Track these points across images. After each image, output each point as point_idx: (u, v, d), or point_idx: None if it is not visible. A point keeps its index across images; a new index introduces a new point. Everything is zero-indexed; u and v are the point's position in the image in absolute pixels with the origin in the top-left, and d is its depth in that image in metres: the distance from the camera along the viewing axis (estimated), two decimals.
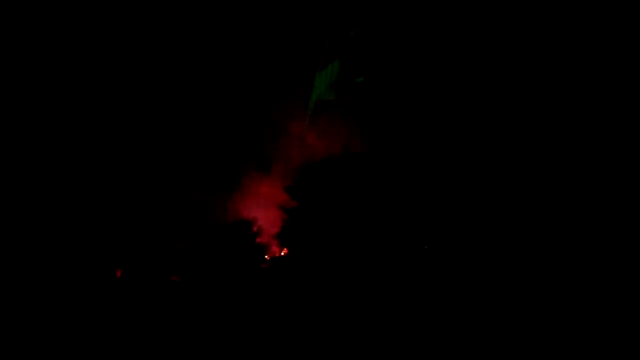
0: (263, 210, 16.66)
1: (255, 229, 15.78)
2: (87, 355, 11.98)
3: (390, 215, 14.27)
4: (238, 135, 18.52)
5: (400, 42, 17.16)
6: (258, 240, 15.66)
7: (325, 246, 13.99)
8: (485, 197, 14.39)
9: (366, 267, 13.61)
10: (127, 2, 16.93)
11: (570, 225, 13.37)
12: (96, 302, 13.77)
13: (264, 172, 17.85)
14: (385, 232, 14.06)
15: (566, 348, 10.89)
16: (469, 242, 13.80)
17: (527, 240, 13.39)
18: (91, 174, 16.58)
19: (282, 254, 15.69)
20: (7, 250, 14.76)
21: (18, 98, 16.58)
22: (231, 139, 18.49)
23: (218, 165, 18.11)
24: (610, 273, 12.49)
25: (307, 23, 17.51)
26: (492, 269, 13.00)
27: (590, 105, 14.79)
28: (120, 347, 12.17)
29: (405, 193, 14.54)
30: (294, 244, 14.89)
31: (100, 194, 16.39)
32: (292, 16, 17.42)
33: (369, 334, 12.02)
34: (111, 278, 15.13)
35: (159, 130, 17.59)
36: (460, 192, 14.50)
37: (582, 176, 13.98)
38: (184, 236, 15.85)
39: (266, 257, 15.83)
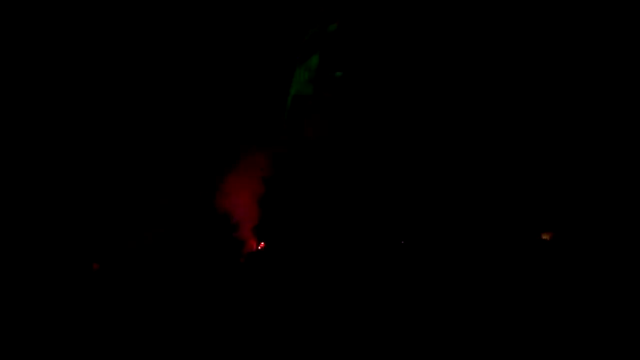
0: (240, 204, 16.43)
1: (232, 223, 15.57)
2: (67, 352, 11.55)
3: (370, 210, 13.96)
4: (215, 129, 18.43)
5: (380, 36, 17.13)
6: (235, 234, 15.44)
7: (304, 241, 13.67)
8: (466, 195, 13.99)
9: (346, 262, 13.20)
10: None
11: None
12: (72, 296, 13.45)
13: (240, 166, 17.71)
14: (364, 227, 13.73)
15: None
16: (448, 239, 13.38)
17: (518, 239, 12.90)
18: (70, 168, 16.50)
19: (260, 248, 15.35)
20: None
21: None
22: (208, 133, 18.42)
23: (194, 159, 18.00)
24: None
25: (285, 16, 17.57)
26: (479, 268, 12.47)
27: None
28: (98, 342, 11.72)
29: (384, 189, 14.25)
30: (272, 239, 14.61)
31: (80, 189, 16.29)
32: (270, 9, 17.52)
33: (349, 332, 11.46)
34: (87, 271, 14.86)
35: (137, 125, 17.58)
36: (442, 189, 14.15)
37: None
38: (158, 230, 15.62)
39: (244, 251, 15.59)
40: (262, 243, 15.32)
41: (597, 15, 14.50)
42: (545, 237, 12.34)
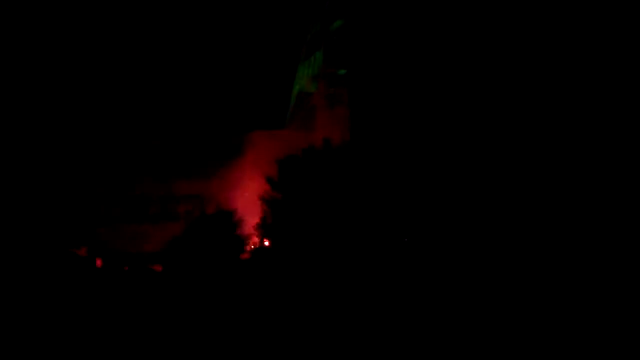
0: (244, 201, 16.57)
1: (236, 220, 15.64)
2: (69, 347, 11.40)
3: (371, 206, 13.95)
4: (220, 126, 18.55)
5: (382, 34, 17.15)
6: (239, 231, 15.50)
7: (306, 237, 13.66)
8: (465, 190, 13.97)
9: (347, 257, 13.19)
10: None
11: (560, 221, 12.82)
12: (77, 291, 13.44)
13: (244, 163, 17.84)
14: (365, 223, 13.72)
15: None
16: (446, 233, 13.37)
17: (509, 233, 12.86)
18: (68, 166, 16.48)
19: (263, 245, 15.39)
20: None
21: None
22: (212, 130, 18.54)
23: (199, 157, 18.07)
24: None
25: (289, 15, 17.72)
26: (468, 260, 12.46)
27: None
28: (101, 337, 11.60)
29: (385, 184, 14.25)
30: (274, 235, 14.62)
31: (79, 185, 16.29)
32: (274, 9, 17.67)
33: (350, 325, 11.38)
34: (92, 267, 14.89)
35: (142, 123, 17.63)
36: (441, 184, 14.14)
37: (570, 173, 13.46)
38: (164, 227, 15.69)
39: (247, 247, 15.67)
40: (266, 240, 15.39)
41: (597, 15, 14.53)
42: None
